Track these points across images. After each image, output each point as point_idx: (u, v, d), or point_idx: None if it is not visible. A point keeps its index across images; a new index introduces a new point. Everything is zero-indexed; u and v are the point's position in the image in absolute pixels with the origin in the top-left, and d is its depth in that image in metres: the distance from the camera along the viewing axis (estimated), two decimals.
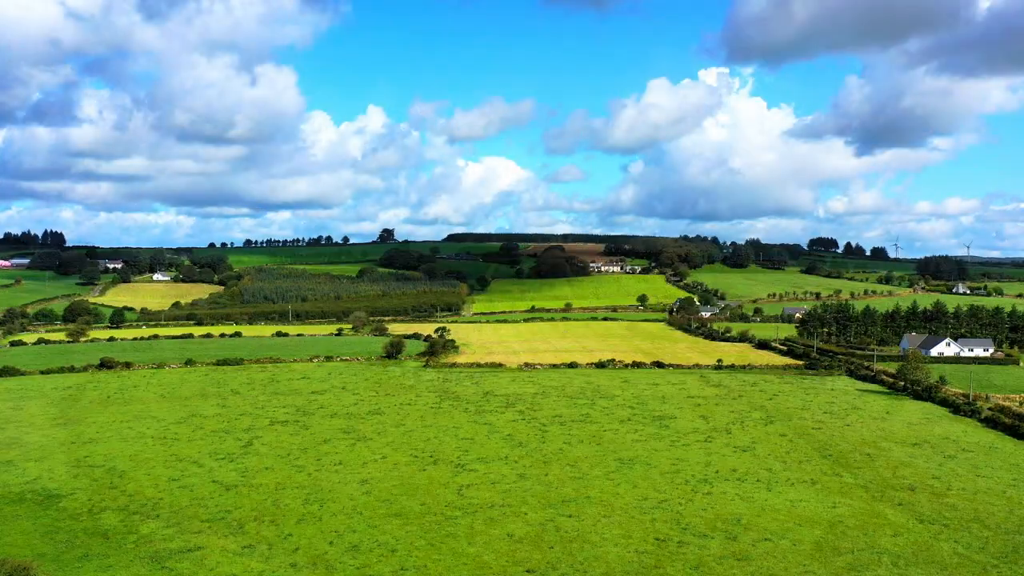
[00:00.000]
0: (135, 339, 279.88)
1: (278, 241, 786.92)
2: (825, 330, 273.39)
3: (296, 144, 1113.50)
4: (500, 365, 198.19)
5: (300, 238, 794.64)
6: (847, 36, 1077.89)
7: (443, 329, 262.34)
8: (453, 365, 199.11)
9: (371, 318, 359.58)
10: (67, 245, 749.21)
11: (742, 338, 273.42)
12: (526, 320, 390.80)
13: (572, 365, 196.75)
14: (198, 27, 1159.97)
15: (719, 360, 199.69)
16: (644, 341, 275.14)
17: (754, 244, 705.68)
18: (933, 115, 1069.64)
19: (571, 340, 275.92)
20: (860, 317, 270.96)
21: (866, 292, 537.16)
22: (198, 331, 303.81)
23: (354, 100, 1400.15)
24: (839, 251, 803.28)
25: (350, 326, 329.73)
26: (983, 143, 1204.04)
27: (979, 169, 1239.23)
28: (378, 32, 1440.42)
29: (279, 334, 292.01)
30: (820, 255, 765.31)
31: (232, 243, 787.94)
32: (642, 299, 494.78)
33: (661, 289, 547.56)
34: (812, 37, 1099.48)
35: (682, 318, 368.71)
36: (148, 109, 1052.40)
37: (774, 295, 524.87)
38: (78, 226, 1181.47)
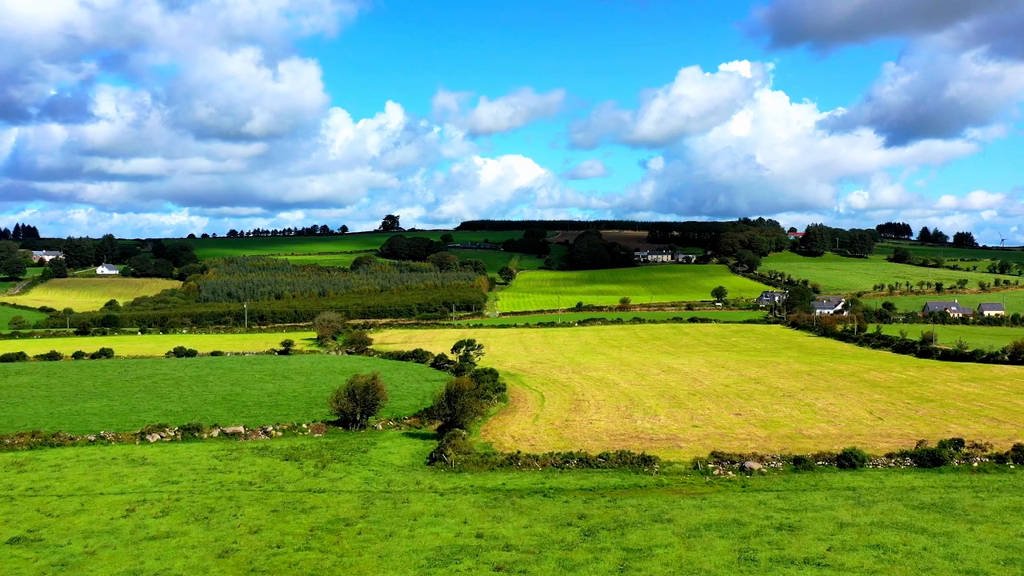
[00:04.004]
0: None
1: (266, 232, 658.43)
2: None
3: (315, 141, 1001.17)
4: (647, 461, 67.05)
5: (291, 228, 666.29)
6: (902, 14, 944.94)
7: (470, 346, 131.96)
8: (513, 461, 67.96)
9: (352, 322, 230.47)
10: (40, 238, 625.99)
11: None
12: (581, 323, 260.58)
13: (849, 462, 65.45)
14: (220, 19, 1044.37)
15: None
16: (839, 363, 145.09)
17: (823, 229, 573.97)
18: (975, 103, 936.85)
19: (706, 360, 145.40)
20: None
21: (997, 283, 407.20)
22: (37, 349, 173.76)
23: (375, 94, 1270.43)
24: (913, 238, 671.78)
25: (314, 335, 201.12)
26: (1014, 134, 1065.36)
27: (1008, 160, 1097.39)
28: (406, 18, 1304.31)
29: (177, 352, 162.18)
30: (894, 242, 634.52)
31: (215, 234, 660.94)
32: (718, 293, 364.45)
33: (734, 282, 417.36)
34: (866, 15, 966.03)
35: (827, 320, 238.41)
36: (165, 105, 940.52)
37: (881, 287, 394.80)
38: (91, 228, 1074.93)
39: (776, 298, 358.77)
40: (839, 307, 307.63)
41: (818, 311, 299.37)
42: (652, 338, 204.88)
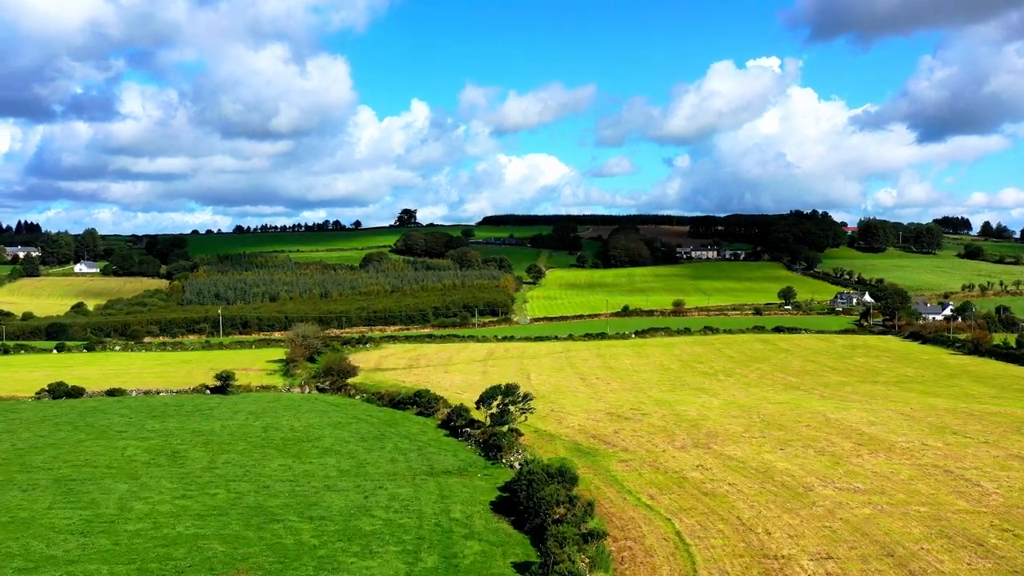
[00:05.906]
0: None
1: (274, 227, 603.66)
2: None
3: (341, 139, 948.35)
4: None
5: (300, 224, 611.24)
6: (952, 2, 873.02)
7: (509, 397, 73.90)
8: None
9: (351, 331, 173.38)
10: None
11: None
12: (639, 334, 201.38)
13: None
14: (248, 15, 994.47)
15: None
16: None
17: (884, 223, 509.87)
18: (1017, 96, 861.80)
19: (895, 411, 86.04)
20: None
21: None
22: None
23: (402, 91, 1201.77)
24: (973, 232, 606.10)
25: (282, 353, 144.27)
26: None
27: None
28: (437, 11, 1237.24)
29: (54, 391, 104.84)
30: (953, 236, 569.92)
31: (220, 230, 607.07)
32: (786, 295, 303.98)
33: (798, 282, 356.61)
34: (915, 2, 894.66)
35: (977, 334, 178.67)
36: (192, 103, 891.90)
37: (970, 287, 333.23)
38: (115, 227, 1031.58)
39: (854, 300, 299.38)
40: (948, 312, 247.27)
41: (928, 317, 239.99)
42: (748, 359, 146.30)
